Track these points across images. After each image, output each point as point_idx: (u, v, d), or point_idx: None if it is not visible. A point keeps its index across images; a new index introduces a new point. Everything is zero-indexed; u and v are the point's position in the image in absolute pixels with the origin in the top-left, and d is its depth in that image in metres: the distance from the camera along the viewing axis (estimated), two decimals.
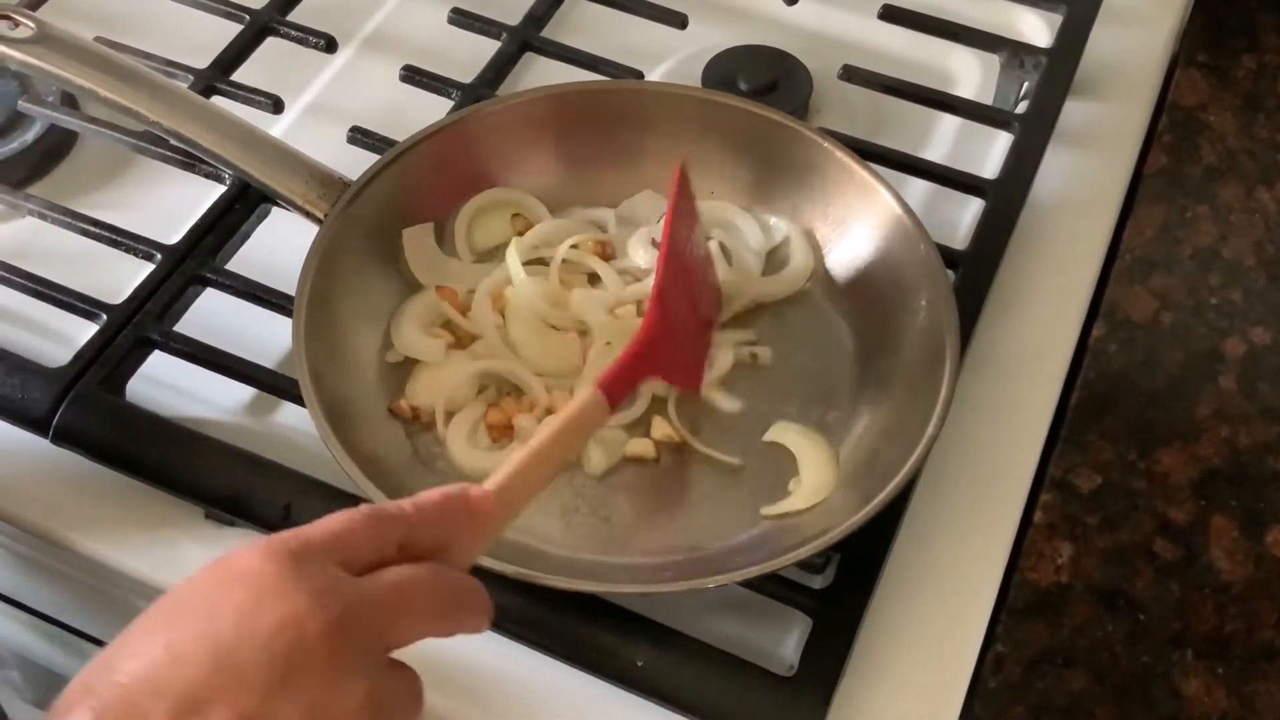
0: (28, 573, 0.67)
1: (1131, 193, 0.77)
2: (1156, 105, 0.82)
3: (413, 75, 0.77)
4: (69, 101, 0.77)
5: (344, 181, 0.66)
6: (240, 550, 0.40)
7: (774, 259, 0.70)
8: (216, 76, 0.76)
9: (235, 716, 0.38)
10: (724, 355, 0.66)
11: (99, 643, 0.72)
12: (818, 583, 0.59)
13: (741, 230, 0.70)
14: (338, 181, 0.66)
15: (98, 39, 0.72)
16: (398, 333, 0.66)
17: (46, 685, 0.79)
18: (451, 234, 0.69)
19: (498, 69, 0.78)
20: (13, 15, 0.67)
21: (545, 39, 0.81)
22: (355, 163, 0.68)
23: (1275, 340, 0.70)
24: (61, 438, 0.62)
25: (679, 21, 0.81)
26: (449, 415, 0.63)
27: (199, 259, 0.69)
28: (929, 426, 0.58)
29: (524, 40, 0.80)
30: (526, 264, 0.67)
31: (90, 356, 0.65)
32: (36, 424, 0.63)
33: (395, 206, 0.67)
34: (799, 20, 0.84)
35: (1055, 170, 0.76)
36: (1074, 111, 0.79)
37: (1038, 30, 0.84)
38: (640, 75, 0.78)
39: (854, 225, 0.68)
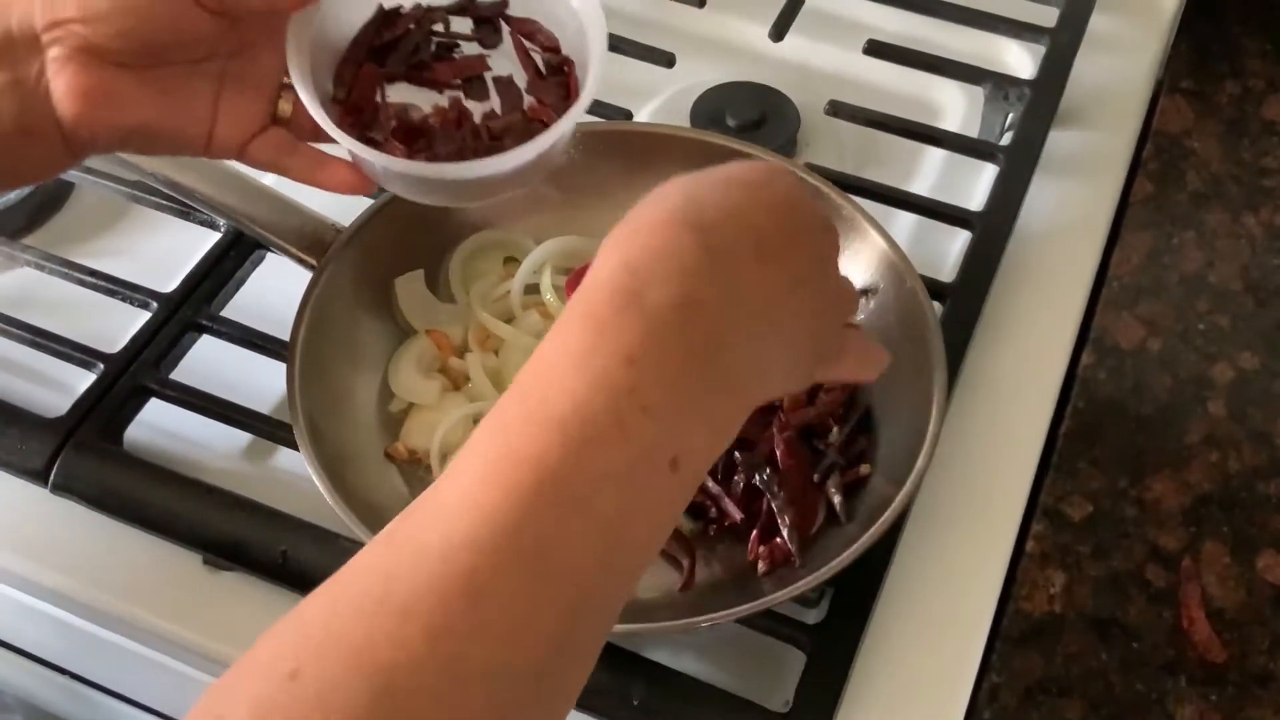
0: (30, 620, 0.68)
1: (1118, 220, 0.78)
2: (1141, 132, 0.83)
3: None
4: None
5: (336, 228, 0.67)
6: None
7: None
8: None
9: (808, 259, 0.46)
10: None
11: (100, 688, 0.72)
12: (811, 617, 0.60)
13: None
14: (330, 229, 0.67)
15: None
16: (395, 377, 0.67)
17: None
18: (445, 278, 0.70)
19: None
20: None
21: None
22: (347, 208, 0.68)
23: (1264, 365, 0.71)
24: (60, 487, 0.63)
25: (666, 60, 0.81)
26: (444, 456, 0.64)
27: (194, 306, 0.70)
28: (919, 460, 0.59)
29: None
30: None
31: (88, 406, 0.65)
32: (35, 474, 0.63)
33: (388, 252, 0.68)
34: (786, 56, 0.85)
35: (1042, 200, 0.77)
36: (1059, 141, 0.79)
37: (1022, 61, 0.85)
38: (629, 114, 0.79)
39: (842, 261, 0.68)
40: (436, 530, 0.38)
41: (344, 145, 0.53)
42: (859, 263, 0.68)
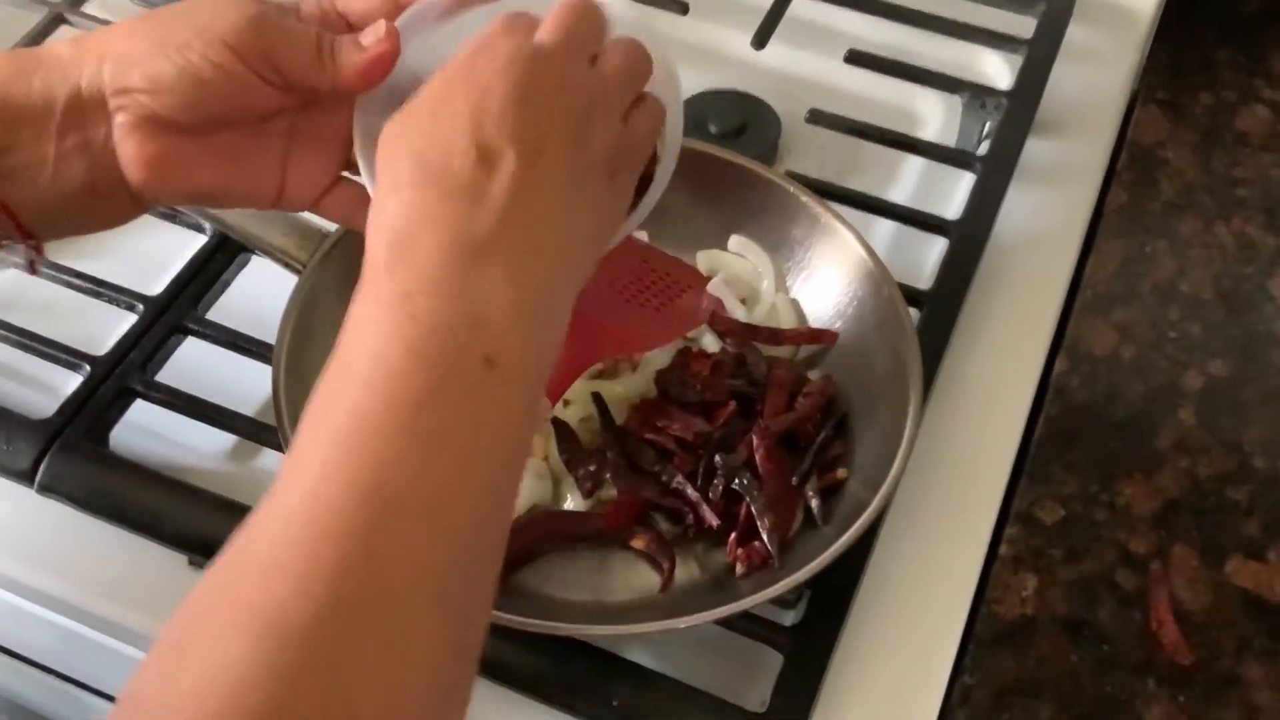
0: (15, 619, 0.68)
1: (1092, 229, 0.79)
2: (1116, 142, 0.84)
3: None
4: None
5: (322, 233, 0.67)
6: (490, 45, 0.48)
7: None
8: None
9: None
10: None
11: (85, 687, 0.73)
12: (789, 619, 0.61)
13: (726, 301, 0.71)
14: (316, 233, 0.67)
15: None
16: None
17: None
18: None
19: None
20: None
21: None
22: None
23: (1233, 373, 0.72)
24: (47, 488, 0.64)
25: None
26: None
27: (180, 309, 0.70)
28: (894, 465, 0.60)
29: None
30: None
31: (75, 407, 0.66)
32: (22, 475, 0.64)
33: None
34: (768, 64, 0.86)
35: (1018, 208, 0.78)
36: (1035, 150, 0.81)
37: (1000, 71, 0.87)
38: None
39: (820, 268, 0.70)
40: (279, 501, 0.40)
41: None
42: (838, 270, 0.69)
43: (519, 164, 0.46)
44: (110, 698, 0.73)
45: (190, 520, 0.62)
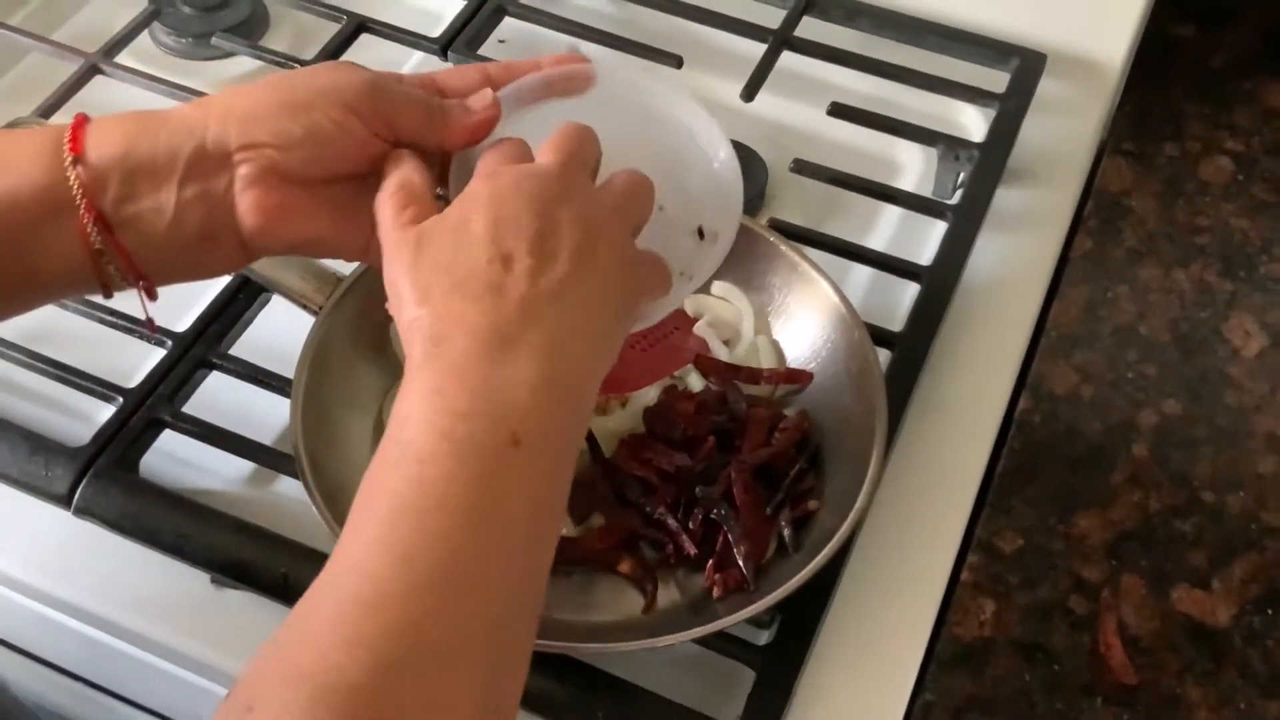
0: (52, 631, 0.73)
1: (1058, 274, 0.84)
2: (1083, 191, 0.89)
3: None
4: None
5: (337, 277, 0.72)
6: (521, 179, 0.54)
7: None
8: None
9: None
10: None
11: (114, 695, 0.78)
12: (762, 639, 0.65)
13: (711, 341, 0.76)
14: (331, 276, 0.72)
15: None
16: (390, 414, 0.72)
17: None
18: None
19: None
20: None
21: None
22: None
23: (1185, 411, 0.77)
24: (82, 511, 0.69)
25: None
26: None
27: (206, 345, 0.75)
28: (860, 497, 0.65)
29: None
30: None
31: (108, 436, 0.71)
32: (60, 499, 0.69)
33: (385, 298, 0.73)
34: (757, 114, 0.91)
35: (987, 254, 0.83)
36: (1005, 199, 0.85)
37: (975, 123, 0.92)
38: None
39: (798, 312, 0.75)
40: (330, 574, 0.47)
41: None
42: (814, 314, 0.74)
43: (535, 261, 0.51)
44: (136, 704, 0.78)
45: (213, 542, 0.67)
